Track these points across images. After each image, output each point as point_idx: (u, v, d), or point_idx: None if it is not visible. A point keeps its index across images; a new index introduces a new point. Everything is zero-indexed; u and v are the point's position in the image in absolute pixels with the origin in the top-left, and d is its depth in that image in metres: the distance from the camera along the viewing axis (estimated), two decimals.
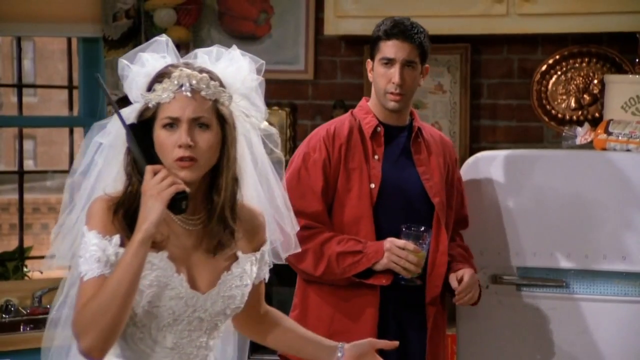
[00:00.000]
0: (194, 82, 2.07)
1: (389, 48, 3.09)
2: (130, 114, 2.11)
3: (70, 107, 4.68)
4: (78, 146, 4.70)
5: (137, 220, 2.02)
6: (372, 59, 3.15)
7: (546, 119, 4.18)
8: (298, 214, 2.98)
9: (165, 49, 2.16)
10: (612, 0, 3.82)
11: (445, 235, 3.15)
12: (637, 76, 3.78)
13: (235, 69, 2.17)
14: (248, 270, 2.19)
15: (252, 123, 2.19)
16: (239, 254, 2.18)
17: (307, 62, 4.40)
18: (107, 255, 2.04)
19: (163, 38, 2.17)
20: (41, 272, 4.41)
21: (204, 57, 2.18)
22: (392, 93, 3.09)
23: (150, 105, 2.07)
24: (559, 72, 4.17)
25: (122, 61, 2.15)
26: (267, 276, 2.28)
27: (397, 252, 2.99)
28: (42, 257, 4.69)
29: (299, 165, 3.11)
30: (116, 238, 2.05)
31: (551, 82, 4.17)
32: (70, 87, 4.65)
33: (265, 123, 2.23)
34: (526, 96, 4.21)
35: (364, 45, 4.30)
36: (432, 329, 3.15)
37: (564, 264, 3.42)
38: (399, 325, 3.11)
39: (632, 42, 3.84)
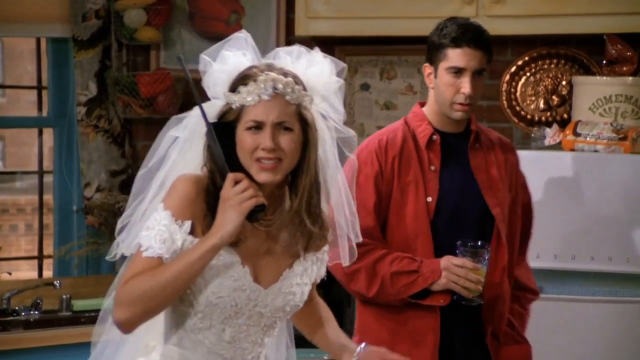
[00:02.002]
0: (279, 86, 2.09)
1: (459, 57, 2.85)
2: (211, 111, 2.12)
3: (40, 108, 4.65)
4: (47, 147, 4.70)
5: (214, 223, 2.05)
6: (432, 63, 2.91)
7: (515, 120, 4.21)
8: None
9: (244, 45, 2.17)
10: (580, 2, 3.86)
11: (505, 249, 2.93)
12: (604, 77, 3.82)
13: (318, 71, 2.18)
14: (309, 270, 2.22)
15: (329, 125, 2.19)
16: (302, 252, 2.20)
17: None
18: (174, 240, 2.07)
19: (242, 34, 2.18)
20: (9, 274, 4.39)
21: (286, 57, 2.18)
22: (461, 103, 2.86)
23: (233, 106, 2.09)
24: (528, 74, 4.20)
25: (204, 57, 2.15)
26: (324, 274, 2.30)
27: (456, 270, 2.80)
28: (11, 259, 4.69)
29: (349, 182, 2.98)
30: (187, 225, 2.08)
31: (520, 83, 4.20)
32: (39, 88, 4.63)
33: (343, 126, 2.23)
34: (495, 97, 4.23)
35: (335, 46, 4.32)
36: (492, 343, 2.94)
37: (533, 264, 3.44)
38: (462, 346, 2.93)
39: (600, 44, 3.87)
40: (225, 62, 2.15)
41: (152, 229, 2.07)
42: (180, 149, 2.18)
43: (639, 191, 3.47)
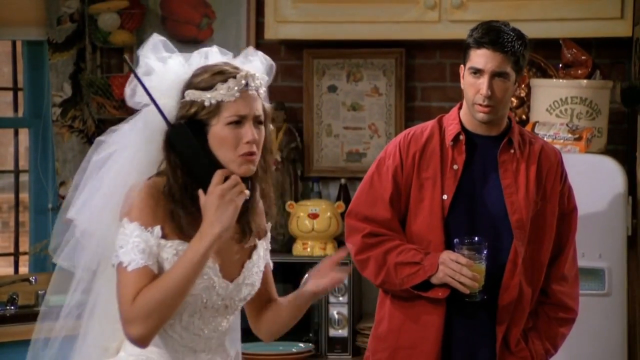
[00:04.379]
0: (257, 82, 2.16)
1: (478, 58, 2.85)
2: (170, 111, 2.13)
3: (15, 109, 4.68)
4: (23, 147, 4.73)
5: (205, 219, 2.06)
6: (464, 65, 2.93)
7: None
8: (367, 220, 2.91)
9: (165, 47, 2.21)
10: (538, 8, 3.95)
11: (521, 257, 2.88)
12: (561, 80, 3.89)
13: (251, 66, 2.22)
14: (262, 255, 2.28)
15: None
16: (257, 241, 2.26)
17: None
18: (150, 247, 2.08)
19: (158, 37, 2.21)
20: None
21: (217, 54, 2.23)
22: (480, 104, 2.85)
23: (207, 103, 2.11)
24: None
25: (146, 60, 2.17)
26: (271, 262, 2.35)
27: (451, 265, 2.80)
28: None
29: (373, 171, 2.99)
30: (157, 229, 2.10)
31: None
32: (15, 89, 4.66)
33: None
34: (458, 99, 4.25)
35: (303, 50, 4.38)
36: (502, 350, 2.92)
37: None
38: (467, 341, 2.92)
39: (556, 48, 3.95)
40: (166, 64, 2.18)
41: (126, 243, 2.08)
42: (123, 156, 2.17)
43: (593, 189, 3.57)
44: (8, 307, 4.00)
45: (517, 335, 2.94)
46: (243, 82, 2.14)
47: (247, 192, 2.11)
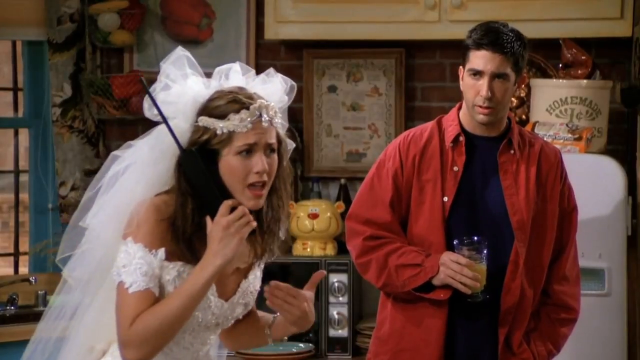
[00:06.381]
0: (271, 113, 2.15)
1: (478, 59, 2.84)
2: (182, 133, 2.13)
3: (15, 109, 4.69)
4: (23, 147, 4.74)
5: (208, 249, 2.06)
6: (463, 66, 2.92)
7: None
8: (367, 223, 2.91)
9: (186, 63, 2.20)
10: (538, 8, 3.96)
11: (523, 258, 2.88)
12: (561, 80, 3.90)
13: (271, 88, 2.23)
14: (258, 275, 2.28)
15: None
16: (255, 260, 2.25)
17: (248, 65, 4.47)
18: (153, 269, 2.08)
19: (183, 52, 2.21)
20: None
21: (237, 75, 2.23)
22: (480, 106, 2.85)
23: (219, 132, 2.11)
24: None
25: (165, 80, 2.17)
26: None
27: (452, 266, 2.80)
28: None
29: (373, 174, 2.99)
30: (161, 252, 2.09)
31: None
32: (15, 89, 4.67)
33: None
34: (458, 99, 4.26)
35: (303, 50, 4.39)
36: (504, 352, 2.92)
37: None
38: (469, 343, 2.92)
39: (556, 48, 3.96)
40: (185, 82, 2.18)
41: (129, 264, 2.08)
42: (132, 171, 2.17)
43: (593, 189, 3.57)
44: (8, 308, 4.02)
45: (520, 337, 2.94)
46: (257, 113, 2.13)
47: (254, 223, 2.10)
